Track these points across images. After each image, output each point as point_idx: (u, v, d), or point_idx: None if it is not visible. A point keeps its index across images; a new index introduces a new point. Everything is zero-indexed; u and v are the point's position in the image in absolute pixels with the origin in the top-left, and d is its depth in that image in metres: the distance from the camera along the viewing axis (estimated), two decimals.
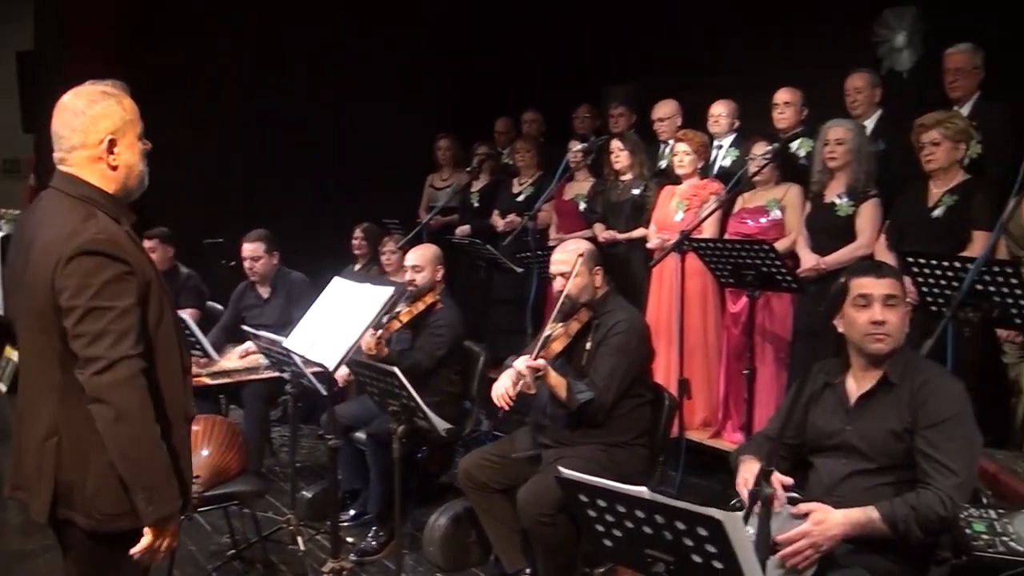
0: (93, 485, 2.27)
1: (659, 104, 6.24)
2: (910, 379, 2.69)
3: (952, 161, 4.38)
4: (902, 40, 5.89)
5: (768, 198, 5.12)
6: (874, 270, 2.76)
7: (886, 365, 2.75)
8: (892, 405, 2.70)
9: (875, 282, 2.71)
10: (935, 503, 2.49)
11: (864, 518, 2.53)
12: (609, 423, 3.70)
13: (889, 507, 2.53)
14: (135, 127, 2.37)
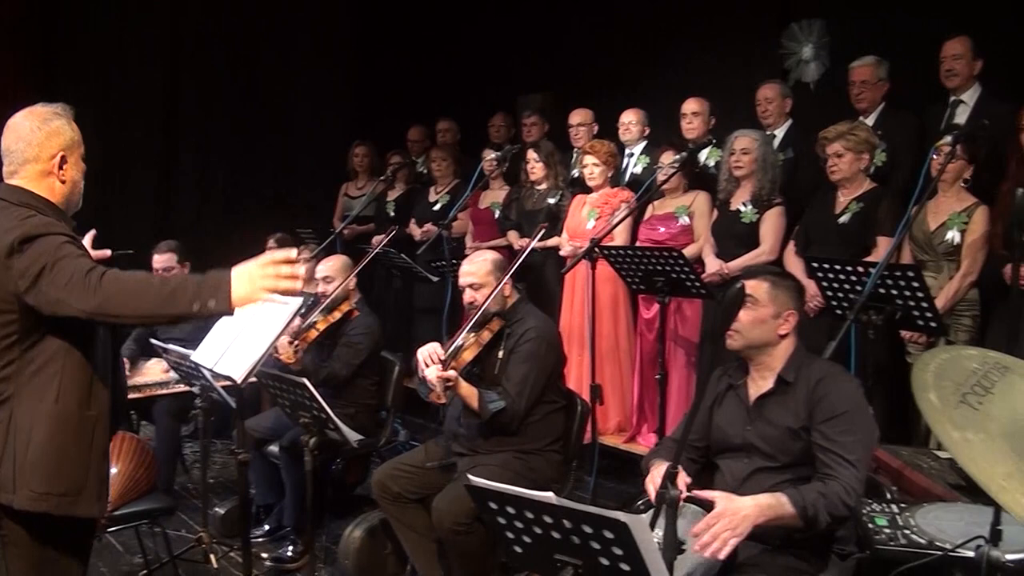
0: (31, 462, 2.42)
1: (574, 112, 6.31)
2: (805, 377, 2.77)
3: (856, 171, 4.53)
4: (809, 52, 6.05)
5: (677, 205, 5.23)
6: (744, 274, 2.87)
7: (780, 366, 2.82)
8: (789, 404, 2.77)
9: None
10: (842, 492, 2.54)
11: (773, 501, 2.54)
12: (523, 430, 3.71)
13: (797, 493, 2.56)
14: (80, 147, 2.61)
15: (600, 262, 4.47)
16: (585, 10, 7.11)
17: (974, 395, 1.69)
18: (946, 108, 4.80)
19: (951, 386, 1.70)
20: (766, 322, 2.81)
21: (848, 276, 3.65)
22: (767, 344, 2.84)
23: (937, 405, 1.64)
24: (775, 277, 2.89)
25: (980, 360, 1.82)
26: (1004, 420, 1.66)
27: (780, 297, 2.84)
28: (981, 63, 4.72)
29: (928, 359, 1.80)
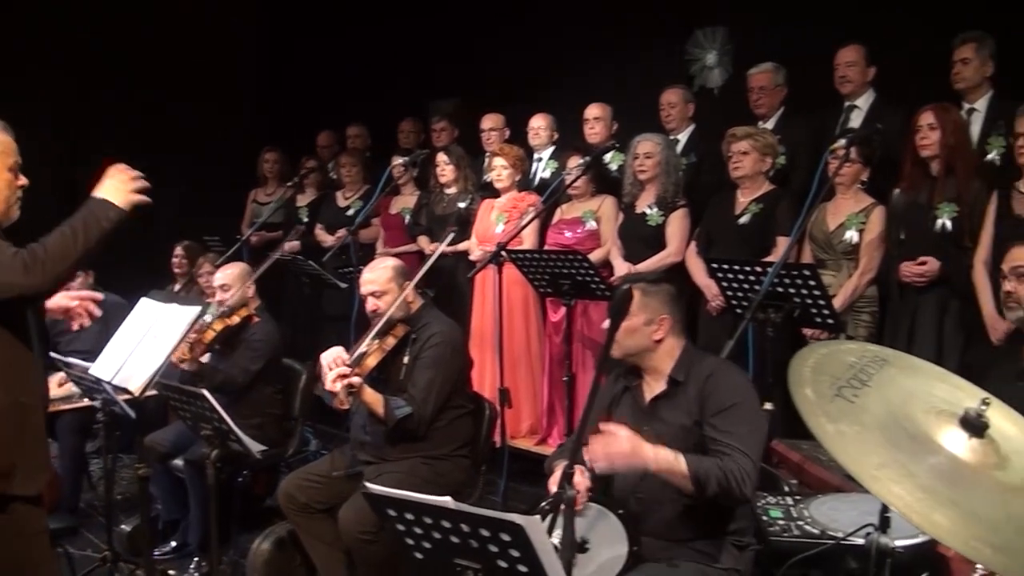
0: None
1: (486, 116, 6.33)
2: (696, 375, 2.82)
3: (757, 172, 4.67)
4: (713, 59, 6.18)
5: (584, 210, 5.29)
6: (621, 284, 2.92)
7: (670, 367, 2.87)
8: (681, 403, 2.82)
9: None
10: (737, 472, 2.56)
11: (671, 456, 2.58)
12: (430, 436, 3.70)
13: (696, 458, 2.60)
14: (7, 158, 2.74)
15: (508, 265, 4.48)
16: (495, 16, 7.13)
17: (850, 388, 1.74)
18: (841, 113, 4.95)
19: (828, 380, 1.74)
20: (639, 330, 2.86)
21: (747, 275, 3.72)
22: (646, 350, 2.89)
23: (812, 399, 1.69)
24: (646, 284, 2.93)
25: (859, 354, 1.87)
26: (879, 412, 1.71)
27: (651, 304, 2.87)
28: (874, 70, 4.88)
29: (807, 354, 1.85)
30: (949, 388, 1.89)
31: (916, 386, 1.84)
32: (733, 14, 6.04)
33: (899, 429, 1.68)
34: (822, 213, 4.46)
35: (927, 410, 1.77)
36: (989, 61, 4.39)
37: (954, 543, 1.55)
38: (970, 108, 4.44)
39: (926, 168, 4.20)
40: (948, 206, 4.09)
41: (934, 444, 1.70)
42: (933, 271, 4.07)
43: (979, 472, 1.72)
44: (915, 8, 5.04)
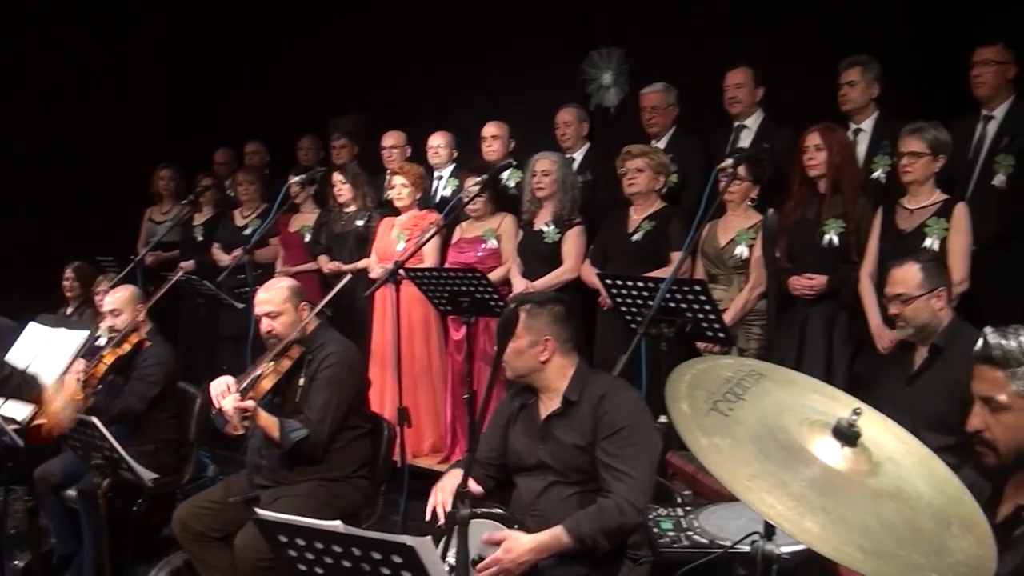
0: None
1: (387, 134, 6.32)
2: (589, 395, 2.86)
3: (651, 189, 4.78)
4: (609, 79, 6.29)
5: (485, 228, 5.32)
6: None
7: (564, 386, 2.91)
8: (574, 423, 2.86)
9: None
10: (614, 511, 2.65)
11: (552, 539, 2.66)
12: (327, 458, 3.66)
13: (575, 525, 2.66)
14: None
15: (410, 284, 4.48)
16: (395, 33, 7.15)
17: (725, 402, 1.79)
18: (731, 133, 5.11)
19: (703, 395, 1.79)
20: (524, 352, 2.91)
21: (640, 291, 3.80)
22: (535, 370, 2.94)
23: (688, 413, 1.73)
24: (531, 306, 2.96)
25: (735, 368, 1.92)
26: (753, 424, 1.77)
27: (535, 325, 2.92)
28: (762, 91, 5.05)
29: (684, 370, 1.89)
30: (823, 399, 1.96)
31: (791, 398, 1.90)
32: (629, 35, 6.17)
33: (772, 440, 1.74)
34: (713, 229, 4.58)
35: (801, 421, 1.83)
36: (875, 83, 4.59)
37: (825, 548, 1.61)
38: (856, 128, 4.63)
39: (814, 186, 4.35)
40: (835, 222, 4.25)
41: (807, 454, 1.76)
42: (821, 285, 4.21)
43: (851, 480, 1.78)
44: (802, 31, 5.23)
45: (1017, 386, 1.99)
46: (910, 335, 3.46)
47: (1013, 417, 2.00)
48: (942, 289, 3.39)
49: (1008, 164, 4.11)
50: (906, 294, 3.39)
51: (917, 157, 3.98)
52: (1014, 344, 2.01)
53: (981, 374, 2.06)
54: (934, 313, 3.39)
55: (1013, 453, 2.03)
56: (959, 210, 3.95)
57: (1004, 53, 4.22)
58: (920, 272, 3.39)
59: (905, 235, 4.03)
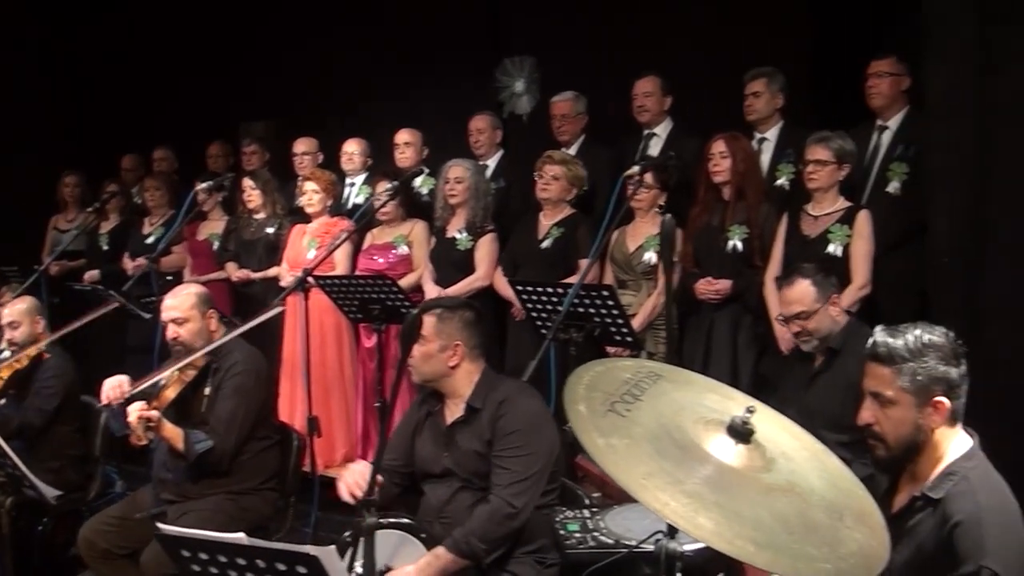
0: None
1: (299, 140, 6.26)
2: (492, 401, 2.90)
3: (562, 198, 4.86)
4: (521, 86, 6.34)
5: (395, 234, 5.31)
6: (420, 311, 2.98)
7: (469, 393, 2.94)
8: (477, 428, 2.90)
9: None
10: (497, 515, 2.71)
11: (434, 560, 2.70)
12: (235, 470, 3.59)
13: (450, 539, 2.72)
14: None
15: (319, 291, 4.44)
16: (308, 38, 7.06)
17: (623, 403, 1.83)
18: (641, 141, 5.18)
19: (601, 396, 1.82)
20: (434, 356, 2.93)
21: (549, 297, 3.84)
22: (443, 375, 2.96)
23: (585, 415, 1.76)
24: (442, 311, 2.99)
25: (634, 370, 1.96)
26: (649, 424, 1.81)
27: (446, 330, 2.95)
28: (670, 100, 5.14)
29: (582, 373, 1.93)
30: (719, 398, 2.02)
31: (687, 398, 1.95)
32: (541, 44, 6.22)
33: (668, 440, 1.78)
34: (622, 236, 4.66)
35: (697, 420, 1.88)
36: (779, 94, 4.71)
37: (719, 543, 1.65)
38: (761, 138, 4.75)
39: (719, 193, 4.46)
40: (739, 228, 4.36)
41: (702, 452, 1.81)
42: (726, 289, 4.32)
43: (745, 476, 1.83)
44: (711, 41, 5.36)
45: (902, 382, 2.09)
46: (816, 347, 3.57)
47: (899, 411, 2.11)
48: (835, 296, 3.52)
49: (902, 172, 4.25)
50: (805, 311, 3.50)
51: (823, 165, 4.10)
52: (900, 342, 2.11)
53: (870, 371, 2.16)
54: (833, 320, 3.52)
55: (901, 445, 2.13)
56: (862, 217, 4.08)
57: (897, 65, 4.36)
58: (812, 286, 3.51)
59: (809, 241, 4.15)
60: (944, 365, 2.10)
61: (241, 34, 7.40)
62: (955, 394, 2.12)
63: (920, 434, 2.12)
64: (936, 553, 2.06)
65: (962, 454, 2.13)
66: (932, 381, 2.10)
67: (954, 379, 2.11)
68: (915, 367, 2.10)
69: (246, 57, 7.39)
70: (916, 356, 2.10)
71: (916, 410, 2.11)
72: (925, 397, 2.10)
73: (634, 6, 5.71)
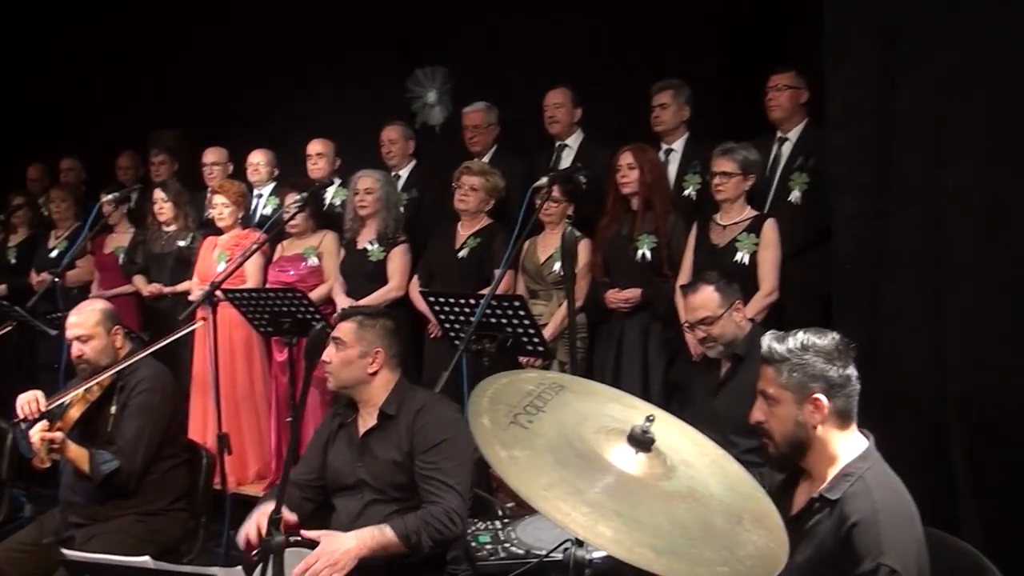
0: None
1: (208, 150, 6.16)
2: (407, 409, 2.91)
3: (480, 209, 4.89)
4: (434, 97, 6.35)
5: (305, 246, 5.28)
6: (339, 318, 3.07)
7: (382, 400, 2.94)
8: (392, 437, 2.90)
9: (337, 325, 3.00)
10: (443, 517, 2.71)
11: (376, 532, 2.66)
12: (142, 490, 3.51)
13: (401, 522, 2.69)
14: None
15: (224, 306, 4.38)
16: (219, 46, 6.96)
17: (526, 415, 1.85)
18: (553, 152, 5.25)
19: (504, 409, 1.85)
20: (353, 362, 2.95)
21: (462, 308, 3.87)
22: (361, 382, 2.98)
23: (488, 427, 1.78)
24: (363, 317, 3.03)
25: (537, 382, 1.99)
26: (551, 435, 1.84)
27: (367, 336, 2.98)
28: (581, 111, 5.21)
29: (486, 386, 1.95)
30: (622, 407, 2.06)
31: (590, 408, 1.98)
32: (452, 54, 6.25)
33: (570, 450, 1.81)
34: (533, 246, 4.71)
35: (598, 430, 1.91)
36: (685, 107, 4.82)
37: (618, 551, 1.69)
38: (668, 149, 4.85)
39: (627, 203, 4.54)
40: (647, 238, 4.45)
41: (603, 462, 1.84)
42: (635, 297, 4.40)
43: (646, 484, 1.87)
44: (621, 54, 5.45)
45: (782, 379, 2.18)
46: (720, 353, 3.66)
47: (782, 408, 2.21)
48: (739, 301, 3.62)
49: (802, 182, 4.39)
50: (709, 316, 3.58)
51: (728, 177, 4.20)
52: (785, 344, 2.20)
53: (762, 372, 2.27)
54: (737, 326, 3.61)
55: (787, 442, 2.23)
56: (768, 226, 4.19)
57: (796, 79, 4.51)
58: (715, 292, 3.60)
59: (718, 249, 4.25)
60: (824, 363, 2.19)
61: (152, 42, 7.26)
62: (836, 393, 2.19)
63: (802, 431, 2.20)
64: (835, 553, 2.12)
65: (858, 455, 2.20)
66: (809, 378, 2.18)
67: (833, 378, 2.19)
68: (793, 364, 2.19)
69: (156, 64, 7.26)
70: (796, 355, 2.19)
71: (796, 407, 2.19)
72: (803, 394, 2.18)
73: (544, 18, 5.78)
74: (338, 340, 2.96)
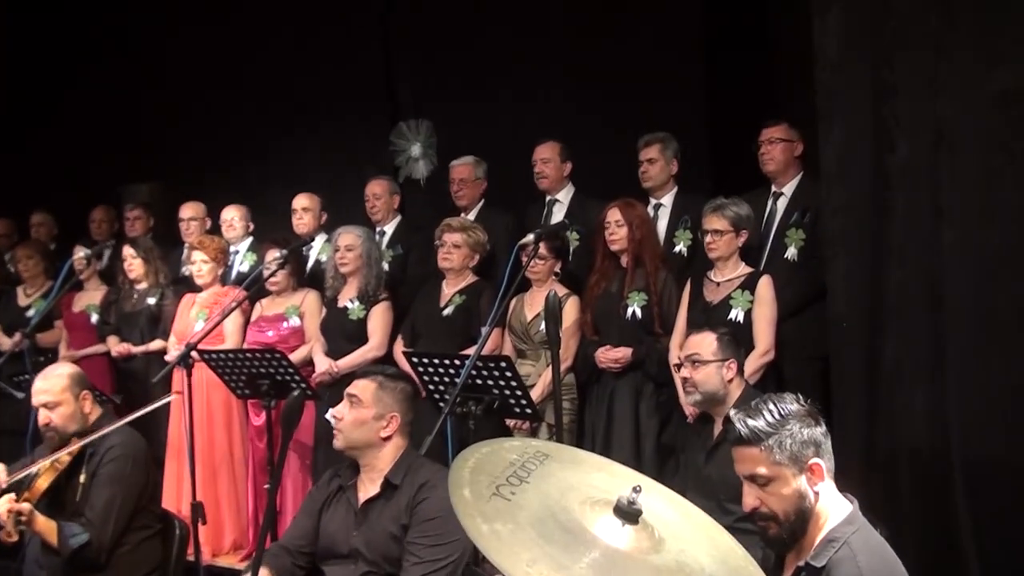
0: None
1: (185, 205, 6.19)
2: (411, 481, 2.92)
3: (465, 266, 4.93)
4: (418, 151, 6.44)
5: (287, 305, 5.29)
6: (358, 376, 3.08)
7: (388, 468, 2.94)
8: (393, 508, 2.91)
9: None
10: None
11: None
12: (113, 564, 3.48)
13: None
14: None
15: (201, 367, 4.39)
16: (198, 98, 7.05)
17: (508, 486, 1.86)
18: (544, 207, 5.32)
19: (486, 480, 1.86)
20: (367, 423, 2.95)
21: (447, 369, 3.88)
22: (370, 445, 2.97)
23: (469, 500, 1.79)
24: (384, 378, 3.04)
25: (520, 451, 2.00)
26: (535, 507, 1.85)
27: (385, 399, 2.98)
28: (570, 166, 5.27)
29: (467, 455, 1.96)
30: (608, 477, 2.07)
31: (576, 478, 2.00)
32: (438, 107, 6.35)
33: (554, 523, 1.82)
34: (520, 304, 4.74)
35: (584, 501, 1.92)
36: (674, 160, 4.89)
37: None
38: (657, 203, 4.92)
39: (617, 260, 4.59)
40: (638, 295, 4.49)
41: (588, 535, 1.85)
42: (626, 357, 4.42)
43: (634, 558, 1.87)
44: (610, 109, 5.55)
45: (775, 456, 2.17)
46: (697, 402, 3.70)
47: (781, 486, 2.19)
48: (733, 361, 3.64)
49: (799, 238, 4.44)
50: (699, 356, 3.62)
51: (720, 235, 4.24)
52: (760, 420, 2.20)
53: (739, 456, 2.25)
54: (723, 383, 3.62)
55: (793, 515, 2.21)
56: (763, 283, 4.23)
57: (790, 131, 4.58)
58: (716, 341, 3.64)
59: (712, 307, 4.28)
60: (807, 428, 2.20)
61: (128, 90, 7.34)
62: (823, 453, 2.21)
63: (806, 501, 2.20)
64: None
65: (842, 519, 2.21)
66: (801, 446, 2.18)
67: (820, 439, 2.21)
68: (780, 438, 2.18)
69: (133, 114, 7.32)
70: (778, 427, 2.19)
71: (796, 478, 2.19)
72: (801, 463, 2.18)
73: (534, 70, 5.90)
74: (354, 398, 2.96)
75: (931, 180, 3.50)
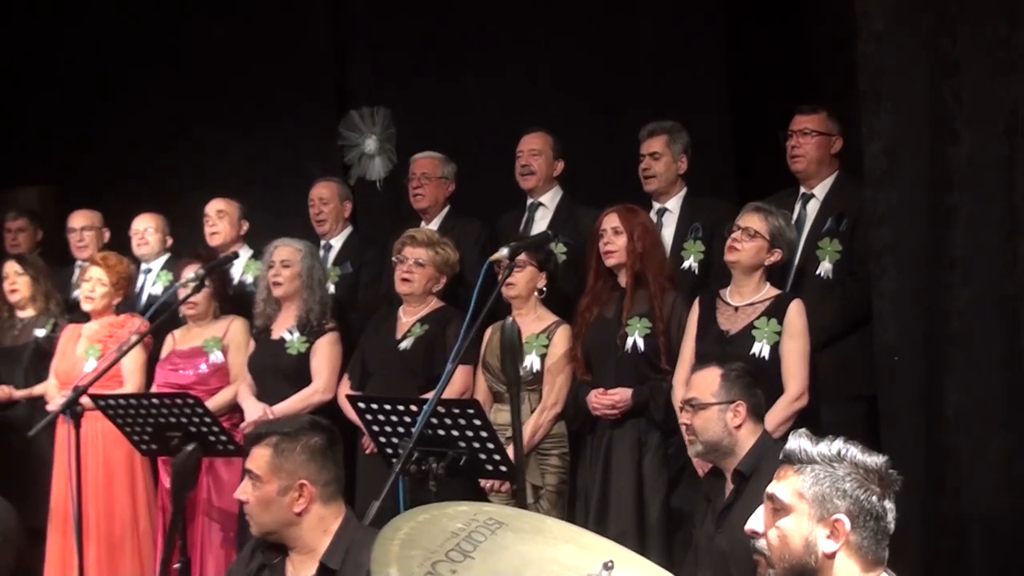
0: None
1: (75, 214, 6.18)
2: (353, 563, 2.85)
3: (428, 290, 4.89)
4: (373, 145, 6.42)
5: (206, 337, 5.25)
6: (251, 441, 3.01)
7: (323, 549, 2.91)
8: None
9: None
10: None
11: None
12: None
13: None
14: None
15: (95, 417, 4.37)
16: (95, 84, 7.04)
17: (448, 563, 1.86)
18: (524, 213, 5.32)
19: (420, 555, 1.85)
20: (273, 501, 2.88)
21: (401, 416, 3.85)
22: (288, 525, 2.91)
23: None
24: (279, 438, 2.95)
25: (468, 518, 2.00)
26: None
27: (285, 467, 2.90)
28: (562, 165, 5.28)
29: (400, 524, 1.95)
30: (576, 549, 2.07)
31: (535, 551, 2.00)
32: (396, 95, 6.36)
33: None
34: (495, 337, 4.65)
35: None
36: (683, 156, 4.90)
37: None
38: (661, 208, 4.92)
39: (613, 279, 4.57)
40: (639, 322, 4.46)
41: None
42: (625, 401, 4.39)
43: None
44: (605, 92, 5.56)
45: (802, 484, 2.17)
46: (699, 453, 3.72)
47: (792, 522, 2.17)
48: (740, 404, 3.61)
49: (834, 250, 4.44)
50: (698, 400, 3.64)
51: (751, 237, 4.20)
52: (814, 447, 2.20)
53: (778, 472, 2.26)
54: (727, 430, 3.61)
55: (790, 567, 2.18)
56: (794, 309, 4.17)
57: (828, 123, 4.58)
58: (720, 379, 3.65)
59: (728, 338, 4.23)
60: (857, 484, 2.17)
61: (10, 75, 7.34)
62: (862, 524, 2.18)
63: (809, 557, 2.17)
64: None
65: None
66: (837, 493, 2.17)
67: (865, 506, 2.18)
68: (820, 471, 2.18)
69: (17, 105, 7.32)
70: (826, 461, 2.18)
71: (810, 523, 2.17)
72: (824, 509, 2.17)
73: (514, 44, 5.93)
74: (251, 474, 2.90)
75: (1004, 178, 3.51)
